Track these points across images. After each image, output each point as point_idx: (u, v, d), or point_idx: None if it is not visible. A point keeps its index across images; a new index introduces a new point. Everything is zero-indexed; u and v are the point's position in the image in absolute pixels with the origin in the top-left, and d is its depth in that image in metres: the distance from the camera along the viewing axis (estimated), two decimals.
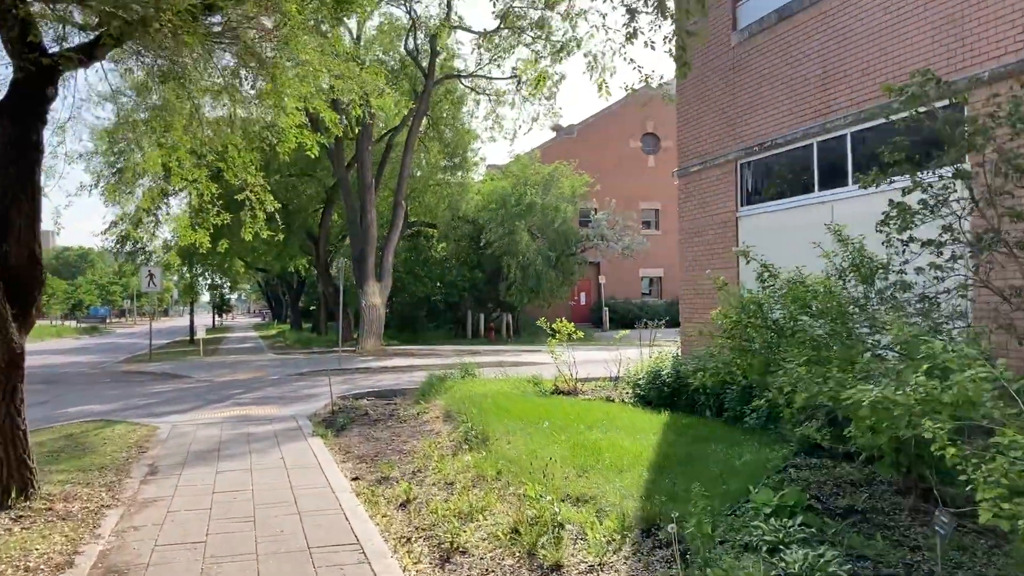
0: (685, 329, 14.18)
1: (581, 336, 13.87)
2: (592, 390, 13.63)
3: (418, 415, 11.79)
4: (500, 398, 11.89)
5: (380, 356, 25.38)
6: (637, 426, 9.33)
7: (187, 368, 23.66)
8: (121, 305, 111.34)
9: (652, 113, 45.86)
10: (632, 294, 44.03)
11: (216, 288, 60.39)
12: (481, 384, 13.83)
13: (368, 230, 27.13)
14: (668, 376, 11.13)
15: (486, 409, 10.60)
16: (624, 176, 43.48)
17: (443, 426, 10.69)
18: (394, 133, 30.03)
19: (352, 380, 19.02)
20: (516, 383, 14.00)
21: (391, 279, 28.37)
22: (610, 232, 34.65)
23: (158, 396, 16.73)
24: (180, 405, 14.91)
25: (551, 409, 10.67)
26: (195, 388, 18.32)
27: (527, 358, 24.11)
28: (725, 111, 12.91)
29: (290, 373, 21.33)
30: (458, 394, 12.57)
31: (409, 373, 20.57)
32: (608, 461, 7.38)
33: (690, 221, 13.93)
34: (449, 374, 15.04)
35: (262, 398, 15.79)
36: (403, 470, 8.19)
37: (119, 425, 11.74)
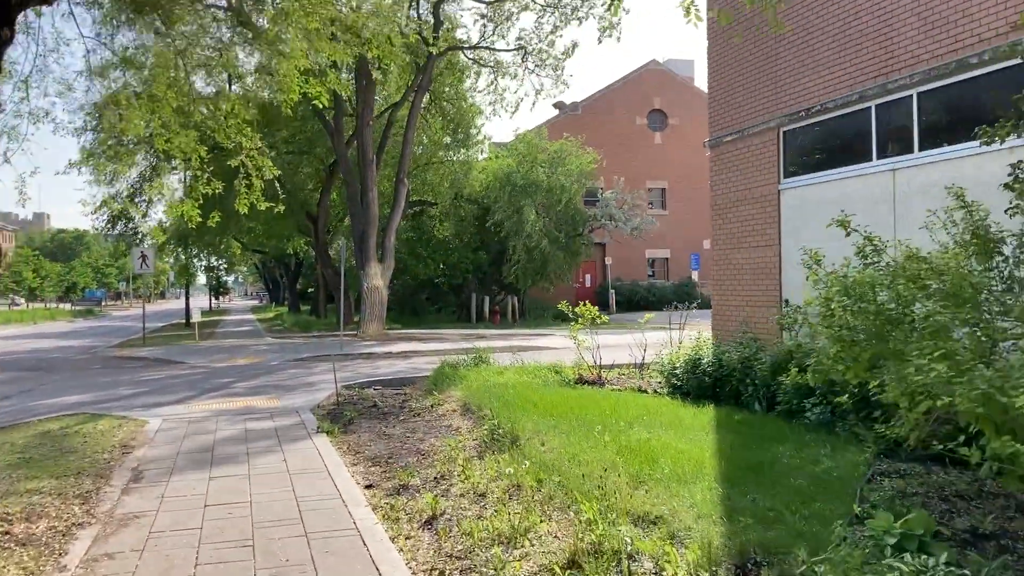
0: (717, 312, 13.12)
1: (606, 321, 12.81)
2: (618, 379, 12.61)
3: (432, 407, 10.74)
4: (522, 389, 10.86)
5: (383, 341, 24.33)
6: (683, 423, 8.29)
7: (182, 353, 22.60)
8: (117, 288, 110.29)
9: (659, 89, 44.71)
10: (638, 276, 42.97)
11: (212, 270, 59.32)
12: (497, 372, 12.80)
13: (369, 209, 26.00)
14: (709, 365, 10.08)
15: (509, 402, 9.56)
16: (630, 154, 42.33)
17: (462, 421, 9.64)
18: (395, 108, 28.82)
19: (355, 367, 17.98)
20: (535, 371, 12.99)
21: (393, 260, 27.27)
22: (619, 212, 33.52)
23: (150, 384, 15.67)
24: (172, 395, 13.85)
25: (581, 402, 9.64)
26: (189, 375, 17.27)
27: (537, 342, 23.08)
28: (765, 74, 11.79)
29: (290, 359, 20.28)
30: (475, 384, 11.55)
31: (415, 359, 19.54)
32: (666, 468, 6.34)
33: (723, 195, 12.83)
34: (461, 361, 14.01)
35: (261, 387, 14.74)
36: (424, 476, 7.14)
37: (104, 419, 10.68)
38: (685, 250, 43.31)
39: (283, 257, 51.37)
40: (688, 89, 45.21)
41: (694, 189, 44.27)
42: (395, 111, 28.51)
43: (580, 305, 12.89)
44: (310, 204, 33.47)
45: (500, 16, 27.86)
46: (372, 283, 25.75)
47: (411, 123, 26.83)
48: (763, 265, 11.79)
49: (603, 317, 12.82)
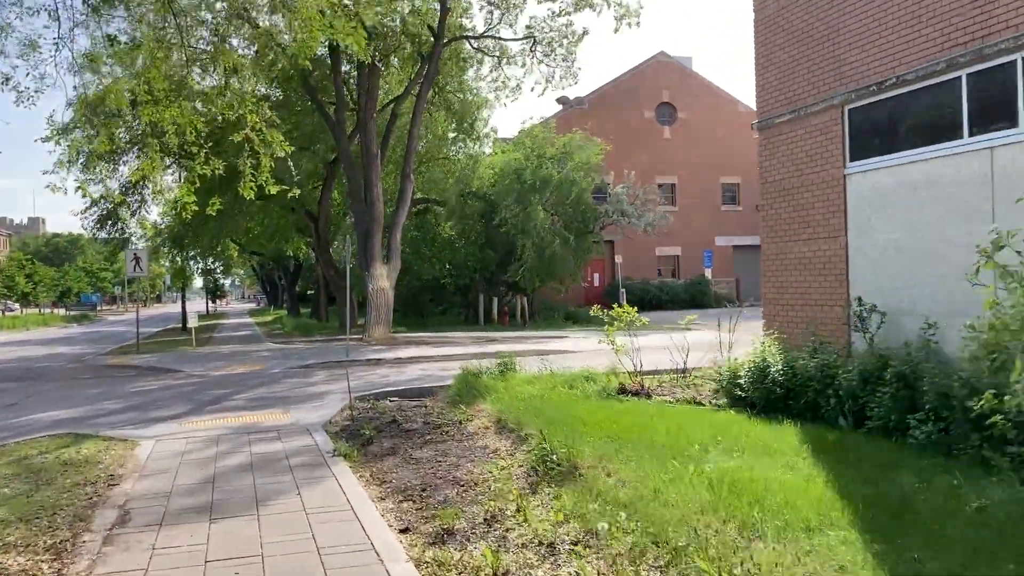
0: (769, 312, 11.88)
1: (645, 323, 11.56)
2: (662, 387, 11.37)
3: (461, 424, 9.50)
4: (561, 401, 9.64)
5: (390, 345, 23.08)
6: (768, 445, 7.06)
7: (178, 360, 21.34)
8: (112, 292, 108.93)
9: (668, 81, 43.50)
10: (648, 274, 41.75)
11: (209, 273, 58.04)
12: (527, 382, 11.56)
13: (374, 207, 24.74)
14: (779, 373, 8.83)
15: (553, 419, 8.32)
16: (638, 149, 41.10)
17: (499, 441, 8.40)
18: (398, 102, 27.55)
19: (364, 374, 16.73)
20: (568, 379, 11.75)
21: (400, 260, 26.00)
22: (631, 208, 32.27)
23: (143, 397, 14.41)
24: (168, 409, 12.60)
25: (636, 418, 8.41)
26: (186, 386, 16.02)
27: (554, 345, 21.84)
28: (825, 46, 10.56)
29: (293, 366, 19.03)
30: (506, 396, 10.32)
31: (427, 365, 18.30)
32: (777, 510, 5.10)
33: (776, 182, 11.60)
34: (482, 368, 12.76)
35: (264, 399, 13.49)
36: (471, 517, 5.89)
37: (89, 442, 9.42)
38: (697, 247, 42.12)
39: (282, 259, 50.10)
40: (697, 81, 44.03)
41: (705, 185, 43.14)
42: (398, 104, 27.26)
43: (617, 307, 11.61)
44: (310, 203, 32.20)
45: (507, 3, 26.63)
46: (378, 284, 24.50)
47: (416, 116, 25.56)
48: (825, 259, 10.56)
49: (643, 319, 11.56)
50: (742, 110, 44.43)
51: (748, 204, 44.19)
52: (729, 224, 43.87)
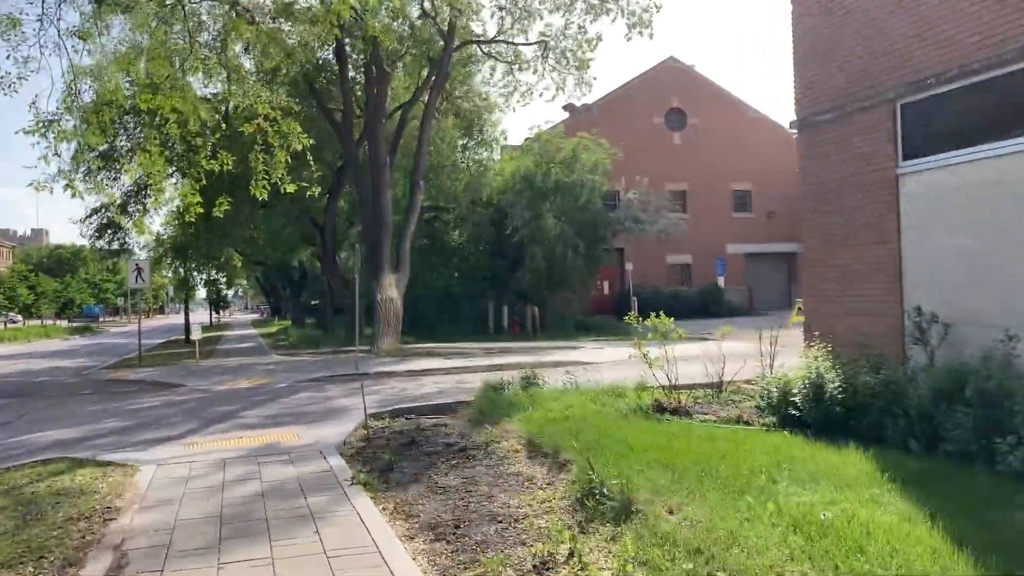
0: (812, 323, 11.14)
1: (683, 335, 10.80)
2: (699, 404, 10.61)
3: (487, 446, 8.74)
4: (597, 421, 8.89)
5: (400, 357, 22.34)
6: (841, 474, 6.31)
7: (181, 374, 20.62)
8: (115, 303, 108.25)
9: (677, 87, 42.85)
10: (659, 282, 40.94)
11: (212, 284, 57.40)
12: (553, 398, 10.81)
13: (382, 215, 24.05)
14: (838, 390, 8.07)
15: (592, 442, 7.58)
16: (648, 155, 40.32)
17: (534, 467, 7.65)
18: (407, 107, 26.89)
19: (377, 389, 16.00)
20: (598, 395, 11.01)
21: (409, 269, 25.29)
22: (643, 214, 31.55)
23: (144, 414, 13.69)
24: (170, 429, 11.86)
25: (682, 441, 7.66)
26: (190, 402, 15.29)
27: (571, 356, 21.10)
28: (875, 38, 9.84)
29: (300, 379, 18.29)
30: (535, 414, 9.58)
31: (441, 378, 17.56)
32: (884, 559, 4.35)
33: (819, 184, 10.87)
34: (503, 382, 12.01)
35: (272, 416, 12.75)
36: (518, 563, 5.14)
37: (85, 468, 8.68)
38: (708, 255, 41.40)
39: (286, 269, 49.43)
40: (707, 86, 43.38)
41: (716, 191, 42.43)
42: (407, 110, 26.60)
43: (653, 316, 10.85)
44: (316, 212, 31.53)
45: (519, 9, 25.99)
46: (386, 294, 23.79)
47: (426, 121, 24.91)
48: (875, 265, 9.83)
49: (681, 331, 10.81)
50: (752, 115, 43.82)
51: (760, 211, 43.53)
52: (740, 232, 43.15)
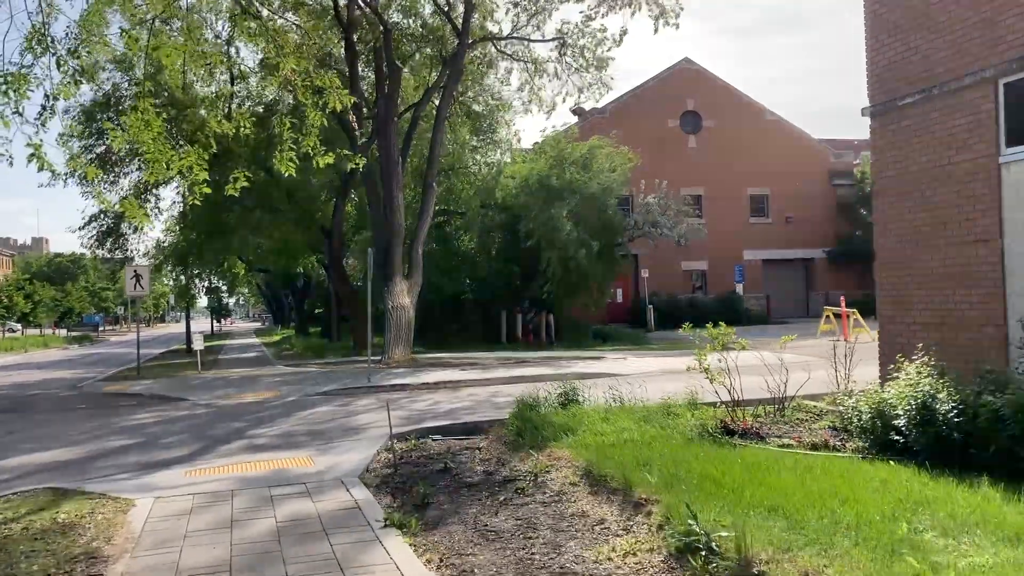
0: (888, 335, 9.95)
1: (745, 345, 9.60)
2: (763, 423, 9.42)
3: (536, 476, 7.55)
4: (663, 448, 7.71)
5: (413, 368, 21.15)
6: (1001, 521, 5.11)
7: (183, 387, 19.43)
8: (115, 312, 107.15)
9: (692, 89, 41.76)
10: (674, 289, 39.79)
11: (214, 292, 56.27)
12: (602, 418, 9.62)
13: (394, 217, 22.88)
14: (953, 412, 6.87)
15: (669, 476, 6.40)
16: (663, 159, 39.13)
17: (601, 505, 6.46)
18: (418, 107, 25.74)
19: (393, 402, 14.82)
20: (648, 415, 9.81)
21: (421, 276, 24.11)
22: (663, 218, 30.38)
23: (142, 433, 12.50)
24: (171, 451, 10.68)
25: (775, 474, 6.48)
26: (192, 418, 14.11)
27: (595, 368, 19.89)
28: (973, 4, 8.68)
29: (309, 393, 17.11)
30: (587, 438, 8.40)
31: (460, 392, 16.37)
32: None
33: (896, 178, 9.70)
34: (539, 399, 10.81)
35: (284, 436, 11.56)
36: None
37: (71, 502, 7.50)
38: (724, 261, 40.25)
39: (290, 276, 48.27)
40: (723, 89, 42.26)
41: (732, 196, 41.28)
42: (419, 109, 25.44)
43: (710, 326, 9.68)
44: (324, 216, 30.39)
45: (536, 4, 24.91)
46: (398, 301, 22.61)
47: (440, 120, 23.78)
48: (971, 268, 8.66)
49: (743, 341, 9.63)
50: (769, 117, 42.73)
51: (777, 216, 42.37)
52: (758, 237, 41.98)
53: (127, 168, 28.38)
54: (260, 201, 26.93)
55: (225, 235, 26.91)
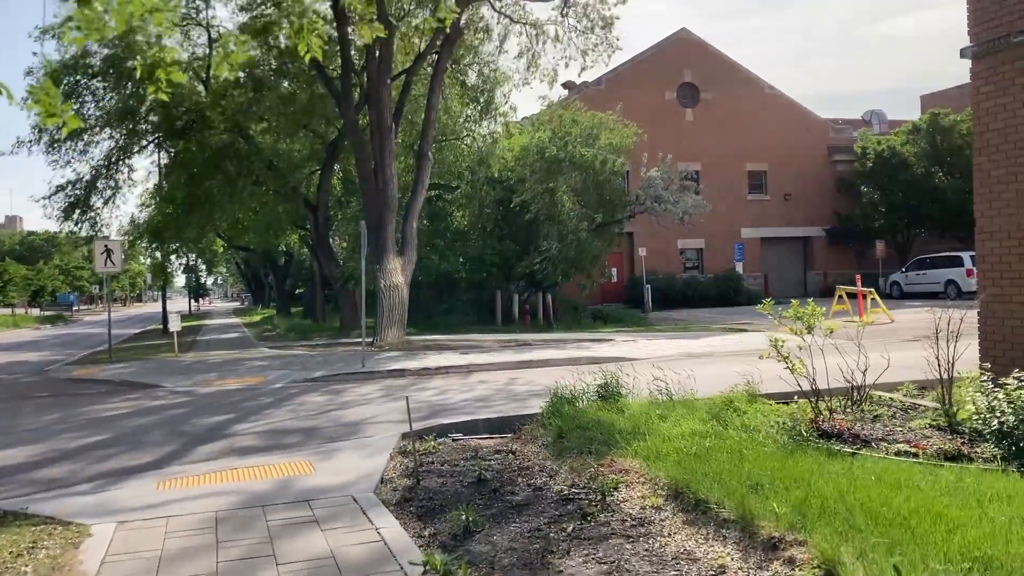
0: (992, 322, 8.46)
1: (834, 328, 8.04)
2: (855, 423, 7.91)
3: (604, 495, 5.98)
4: (760, 459, 6.17)
5: (409, 351, 19.53)
6: None
7: (158, 372, 17.73)
8: (90, 291, 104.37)
9: (690, 61, 40.14)
10: (670, 269, 38.37)
11: (191, 270, 54.25)
12: (659, 415, 8.09)
13: (387, 189, 21.16)
14: None
15: (798, 502, 4.87)
16: (660, 132, 37.48)
17: (711, 543, 4.89)
18: (410, 72, 23.93)
19: (394, 391, 13.24)
20: (712, 410, 8.27)
21: (415, 252, 22.43)
22: (666, 193, 28.83)
23: (110, 428, 10.83)
24: (141, 452, 9.04)
25: (932, 497, 4.96)
26: (168, 408, 12.45)
27: (605, 351, 18.37)
28: None
29: (298, 379, 15.47)
30: (655, 443, 6.85)
31: (469, 379, 14.79)
32: None
33: (1003, 131, 8.17)
34: (575, 392, 9.23)
35: (275, 433, 9.95)
36: None
37: (5, 531, 5.85)
38: (721, 240, 38.89)
39: (271, 254, 46.36)
40: (720, 60, 40.70)
41: (729, 172, 39.82)
42: (411, 74, 23.65)
43: (795, 304, 8.14)
44: (308, 190, 28.60)
45: None
46: (391, 280, 20.94)
47: (435, 84, 22.01)
48: None
49: (833, 323, 8.10)
50: (767, 91, 41.25)
51: (776, 193, 41.01)
52: (755, 215, 40.62)
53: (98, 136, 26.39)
54: (239, 170, 25.10)
55: (203, 205, 25.07)
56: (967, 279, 31.71)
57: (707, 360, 15.81)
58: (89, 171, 25.56)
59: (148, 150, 27.04)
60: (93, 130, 25.16)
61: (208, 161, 24.45)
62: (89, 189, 25.54)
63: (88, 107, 24.67)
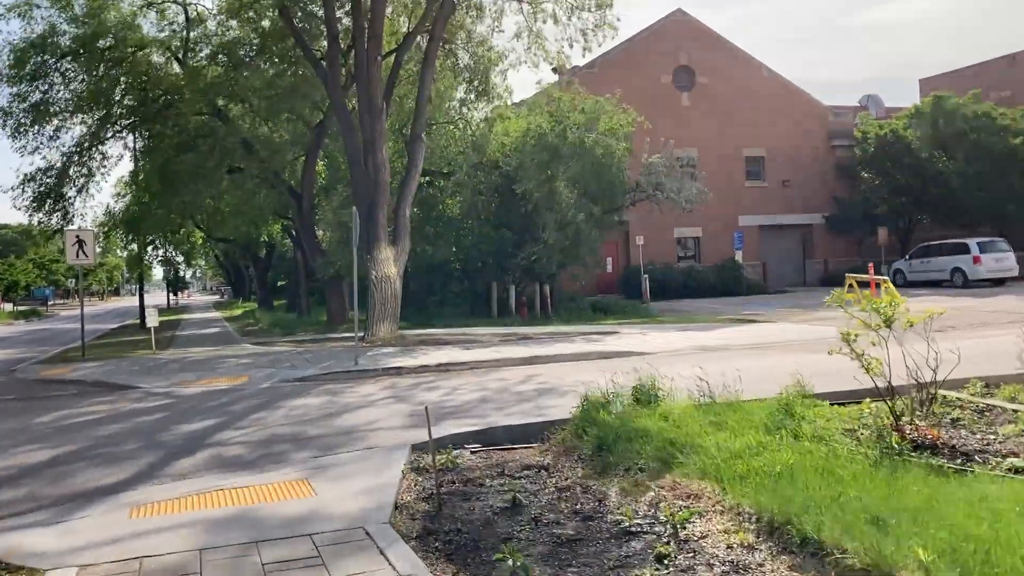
0: None
1: (912, 322, 6.99)
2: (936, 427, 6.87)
3: (676, 528, 4.90)
4: (858, 478, 5.11)
5: (405, 347, 18.38)
6: None
7: (133, 371, 16.52)
8: (66, 285, 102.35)
9: (686, 43, 39.03)
10: (666, 258, 37.33)
11: (169, 263, 52.77)
12: (714, 423, 7.03)
13: (378, 174, 19.96)
14: None
15: (944, 547, 3.80)
16: (655, 117, 36.30)
17: None
18: (400, 51, 22.73)
19: (393, 391, 12.12)
20: (770, 415, 7.21)
21: (409, 241, 21.24)
22: (667, 180, 27.75)
23: (76, 438, 9.65)
24: (111, 468, 7.89)
25: None
26: (143, 414, 11.28)
27: (612, 345, 17.36)
28: None
29: (287, 378, 14.32)
30: (722, 460, 5.75)
31: (474, 377, 13.67)
32: None
33: None
34: (606, 393, 8.15)
35: (264, 443, 8.81)
36: None
37: None
38: (718, 227, 37.85)
39: (251, 245, 44.94)
40: (718, 43, 39.60)
41: (727, 157, 38.78)
42: (401, 52, 22.43)
43: (889, 289, 7.08)
44: (292, 176, 27.31)
45: None
46: (383, 271, 19.76)
47: (429, 60, 20.80)
48: None
49: (934, 308, 7.04)
50: (765, 74, 40.23)
51: (774, 180, 40.01)
52: (753, 202, 39.60)
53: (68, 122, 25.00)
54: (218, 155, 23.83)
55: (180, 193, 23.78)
56: (974, 267, 30.89)
57: (725, 354, 14.79)
58: (60, 158, 24.19)
59: (122, 135, 25.64)
60: (63, 114, 23.78)
61: (185, 146, 23.17)
62: (61, 177, 24.15)
63: (57, 90, 23.28)
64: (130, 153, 27.51)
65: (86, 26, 22.28)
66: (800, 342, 16.09)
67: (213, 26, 25.76)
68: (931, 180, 35.45)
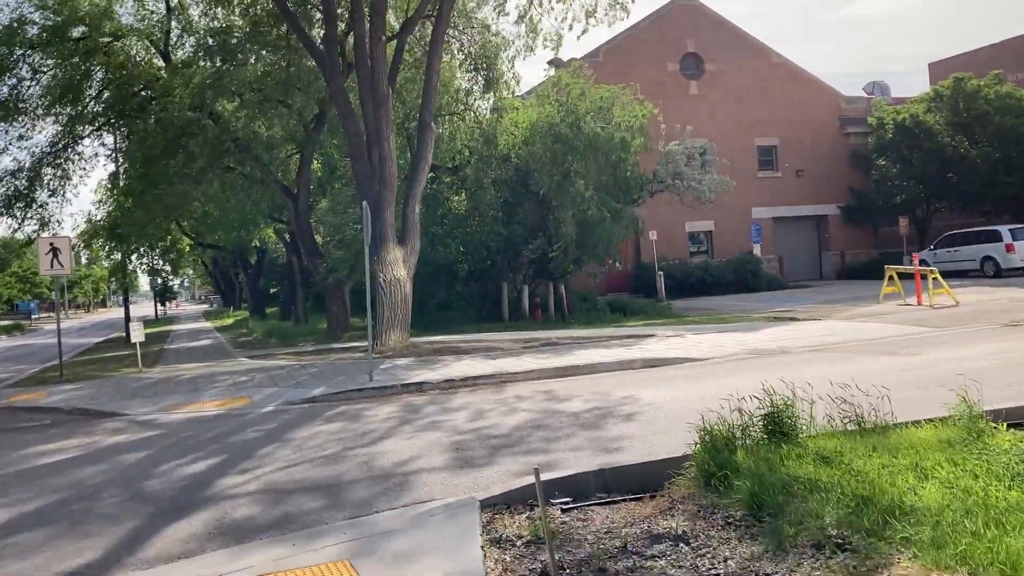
0: None
1: None
2: None
3: None
4: None
5: (419, 357, 16.49)
6: None
7: (116, 394, 14.57)
8: (50, 298, 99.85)
9: (693, 29, 37.27)
10: (679, 253, 35.56)
11: (156, 272, 50.63)
12: (907, 465, 5.18)
13: (384, 168, 18.03)
14: None
15: None
16: (663, 107, 34.37)
17: None
18: (402, 34, 20.81)
19: (423, 414, 10.21)
20: (955, 445, 5.38)
21: (419, 240, 19.31)
22: (687, 170, 25.94)
23: (42, 491, 7.72)
24: (81, 541, 5.99)
25: None
26: (127, 451, 9.36)
27: (652, 351, 15.47)
28: None
29: (294, 400, 12.40)
30: (958, 533, 3.90)
31: (504, 393, 11.81)
32: None
33: None
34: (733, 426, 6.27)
35: (281, 494, 6.90)
36: None
37: None
38: (731, 220, 36.07)
39: (243, 251, 42.90)
40: (726, 29, 37.87)
41: (738, 147, 36.97)
42: (404, 35, 20.52)
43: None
44: (286, 176, 25.35)
45: None
46: (392, 274, 17.86)
47: (436, 42, 18.86)
48: None
49: None
50: (775, 60, 38.52)
51: (787, 169, 38.31)
52: (766, 193, 37.86)
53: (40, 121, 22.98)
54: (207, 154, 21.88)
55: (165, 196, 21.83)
56: (1007, 255, 29.25)
57: (787, 359, 13.01)
58: (28, 158, 22.17)
59: (100, 133, 23.62)
60: (35, 112, 21.76)
61: (170, 145, 21.19)
62: (32, 180, 22.12)
63: (27, 85, 21.25)
64: (110, 153, 25.49)
65: (56, 13, 20.30)
66: (861, 342, 14.36)
67: (196, 15, 23.81)
68: (952, 165, 33.78)
